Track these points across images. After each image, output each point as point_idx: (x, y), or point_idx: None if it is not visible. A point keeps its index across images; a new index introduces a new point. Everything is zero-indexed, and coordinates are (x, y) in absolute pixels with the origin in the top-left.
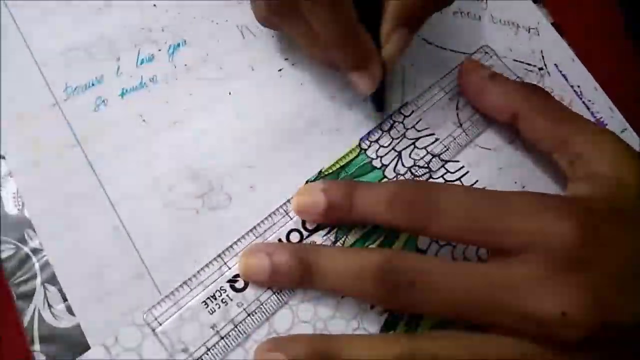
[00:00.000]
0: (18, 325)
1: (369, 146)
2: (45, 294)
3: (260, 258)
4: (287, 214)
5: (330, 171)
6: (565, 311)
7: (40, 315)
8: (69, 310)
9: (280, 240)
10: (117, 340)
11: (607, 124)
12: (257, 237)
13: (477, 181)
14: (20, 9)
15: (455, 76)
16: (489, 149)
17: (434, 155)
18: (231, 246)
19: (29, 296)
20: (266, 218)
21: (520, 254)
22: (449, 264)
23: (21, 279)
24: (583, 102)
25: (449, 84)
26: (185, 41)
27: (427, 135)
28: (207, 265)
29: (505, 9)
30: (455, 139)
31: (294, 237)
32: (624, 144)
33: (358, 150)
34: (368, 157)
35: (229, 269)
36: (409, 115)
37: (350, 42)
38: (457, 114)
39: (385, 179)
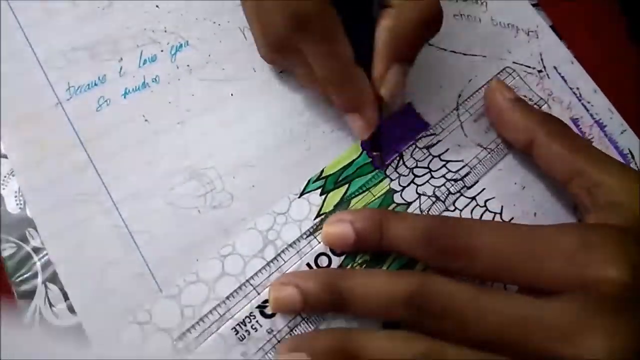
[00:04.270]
0: (19, 325)
1: (370, 148)
2: (46, 292)
3: (289, 290)
4: (315, 238)
5: (332, 171)
6: (598, 359)
7: (41, 314)
8: (70, 309)
9: (308, 264)
10: (119, 339)
11: (606, 126)
12: (285, 262)
13: (477, 181)
14: (23, 8)
15: (452, 84)
16: (489, 149)
17: (434, 156)
18: (260, 271)
19: (30, 295)
20: (294, 242)
21: (558, 294)
22: (482, 294)
23: (22, 277)
24: (582, 104)
25: (451, 87)
26: (187, 42)
27: (428, 135)
28: (236, 291)
29: (505, 11)
30: (458, 141)
31: (323, 261)
32: (637, 174)
33: (359, 151)
34: (369, 157)
35: (258, 294)
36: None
37: (345, 83)
38: (458, 115)
39: (387, 179)
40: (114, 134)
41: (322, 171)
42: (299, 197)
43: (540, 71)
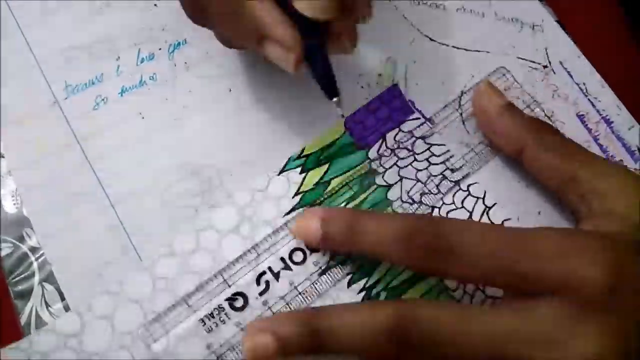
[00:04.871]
0: (15, 325)
1: (353, 128)
2: (43, 292)
3: (265, 338)
4: (290, 231)
5: (313, 150)
6: None
7: (37, 314)
8: (67, 309)
9: (282, 259)
10: (90, 308)
11: (613, 122)
12: (258, 255)
13: (477, 182)
14: (21, 8)
15: (455, 80)
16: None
17: (417, 138)
18: (232, 263)
19: (26, 295)
20: (269, 235)
21: (544, 297)
22: (463, 313)
23: (19, 277)
24: (589, 100)
25: (454, 83)
26: (185, 40)
27: (414, 119)
28: (206, 282)
29: (509, 6)
30: (459, 137)
31: (297, 256)
32: (635, 178)
33: (342, 131)
34: (352, 137)
35: (229, 286)
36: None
37: (237, 12)
38: (461, 112)
39: (368, 161)
40: (111, 132)
41: (303, 150)
42: (278, 175)
43: (545, 66)
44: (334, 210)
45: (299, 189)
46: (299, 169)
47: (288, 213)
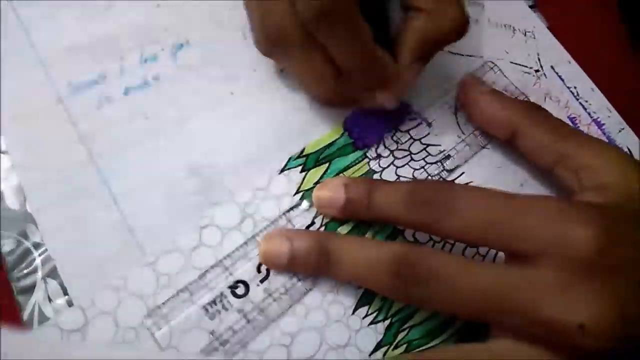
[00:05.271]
0: (18, 320)
1: (352, 128)
2: (45, 288)
3: (280, 242)
4: (290, 221)
5: (313, 150)
6: (583, 323)
7: (40, 309)
8: (70, 305)
9: None
10: (93, 303)
11: (604, 124)
12: (260, 244)
13: (472, 181)
14: (24, 7)
15: (449, 84)
16: (487, 148)
17: (414, 139)
18: (233, 252)
19: (29, 290)
20: (268, 226)
21: (539, 259)
22: (467, 262)
23: (22, 273)
24: (580, 103)
25: (448, 87)
26: (188, 41)
27: (410, 120)
28: (208, 271)
29: (502, 12)
30: (455, 140)
31: None
32: (626, 155)
33: (341, 132)
34: (351, 138)
35: (231, 274)
36: None
37: (371, 63)
38: (456, 115)
39: (366, 159)
40: (114, 131)
41: (303, 149)
42: (279, 173)
43: (537, 71)
44: (353, 178)
45: (299, 187)
46: (299, 168)
47: (289, 211)
